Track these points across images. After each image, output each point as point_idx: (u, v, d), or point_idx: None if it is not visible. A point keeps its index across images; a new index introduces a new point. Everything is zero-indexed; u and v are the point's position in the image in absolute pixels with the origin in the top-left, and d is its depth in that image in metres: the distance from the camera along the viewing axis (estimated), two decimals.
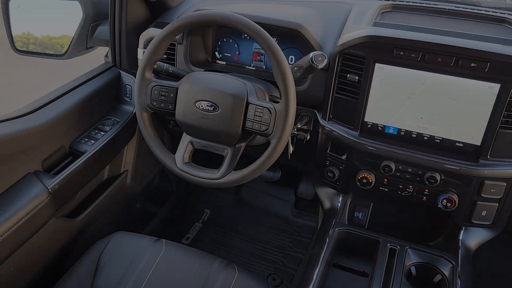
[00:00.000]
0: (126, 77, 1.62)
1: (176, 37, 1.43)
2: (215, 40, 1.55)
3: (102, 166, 1.55)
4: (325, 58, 1.20)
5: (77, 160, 1.38)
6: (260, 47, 1.48)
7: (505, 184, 1.23)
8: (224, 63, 1.56)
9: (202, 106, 1.19)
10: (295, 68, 1.21)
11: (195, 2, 1.69)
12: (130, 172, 1.73)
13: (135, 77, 1.42)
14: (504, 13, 1.44)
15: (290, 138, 1.33)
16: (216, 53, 1.57)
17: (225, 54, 1.56)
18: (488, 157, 1.21)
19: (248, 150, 1.33)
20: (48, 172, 1.35)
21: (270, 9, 1.51)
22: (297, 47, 1.44)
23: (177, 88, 1.23)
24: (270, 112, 1.14)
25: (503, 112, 1.15)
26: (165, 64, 1.36)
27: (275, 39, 1.44)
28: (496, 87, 1.14)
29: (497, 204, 1.27)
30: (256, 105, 1.16)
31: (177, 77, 1.35)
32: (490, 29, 1.34)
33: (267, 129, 1.15)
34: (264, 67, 1.52)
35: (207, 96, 1.19)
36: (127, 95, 1.63)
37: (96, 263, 1.25)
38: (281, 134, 1.13)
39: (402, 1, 1.55)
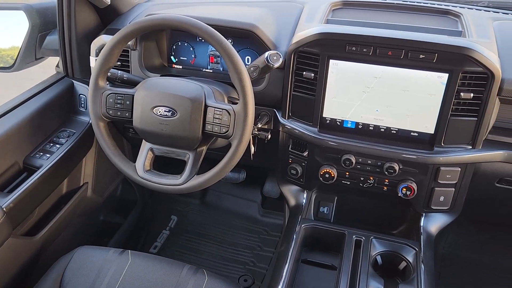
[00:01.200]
0: (79, 86, 1.58)
1: (129, 43, 1.41)
2: (170, 44, 1.53)
3: (60, 180, 1.49)
4: (281, 57, 1.21)
5: (32, 176, 1.33)
6: (215, 49, 1.47)
7: (459, 169, 1.28)
8: (181, 67, 1.55)
9: (159, 112, 1.17)
10: (252, 69, 1.22)
11: (147, 7, 1.66)
12: (91, 184, 1.68)
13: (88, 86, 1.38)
14: (448, 5, 1.50)
15: (251, 138, 1.33)
16: (172, 57, 1.55)
17: (181, 58, 1.54)
18: (442, 144, 1.26)
19: (210, 153, 1.32)
20: (2, 190, 1.29)
21: (223, 11, 1.50)
22: (252, 48, 1.44)
23: (133, 95, 1.21)
24: (229, 114, 1.14)
25: (453, 100, 1.20)
26: (119, 71, 1.33)
27: (230, 40, 1.44)
28: (444, 76, 1.19)
29: (454, 189, 1.32)
30: (215, 107, 1.16)
31: (132, 84, 1.32)
32: (436, 21, 1.39)
33: (227, 131, 1.15)
34: (221, 69, 1.51)
35: (164, 102, 1.17)
36: (82, 105, 1.58)
37: (59, 280, 1.21)
38: (241, 135, 1.13)
39: None
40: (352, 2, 1.51)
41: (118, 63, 1.49)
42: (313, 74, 1.28)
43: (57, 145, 1.44)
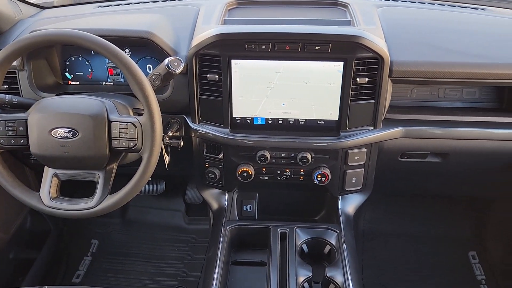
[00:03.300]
0: None
1: (14, 63, 1.29)
2: (62, 60, 1.44)
3: None
4: (182, 62, 1.19)
5: None
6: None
7: (366, 149, 1.36)
8: (78, 83, 1.46)
9: (59, 134, 1.09)
10: (153, 77, 1.18)
11: (31, 23, 1.54)
12: None
13: None
14: None
15: (163, 148, 1.30)
16: (67, 74, 1.45)
17: (77, 73, 1.45)
18: (347, 128, 1.33)
19: (125, 168, 1.26)
20: None
21: (116, 20, 1.44)
22: (152, 55, 1.40)
23: (26, 120, 1.12)
24: (135, 126, 1.10)
25: (351, 86, 1.26)
26: (7, 96, 1.22)
27: (127, 50, 1.38)
28: (340, 65, 1.25)
29: (363, 169, 1.41)
30: (119, 122, 1.11)
31: (25, 107, 1.21)
32: (326, 13, 1.46)
33: (136, 145, 1.10)
34: (123, 80, 1.45)
35: (62, 122, 1.09)
36: None
37: None
38: (151, 147, 1.09)
39: None
40: (247, 1, 1.53)
41: (5, 86, 1.37)
42: (217, 76, 1.28)
43: None
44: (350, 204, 1.47)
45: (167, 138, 1.31)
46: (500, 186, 1.72)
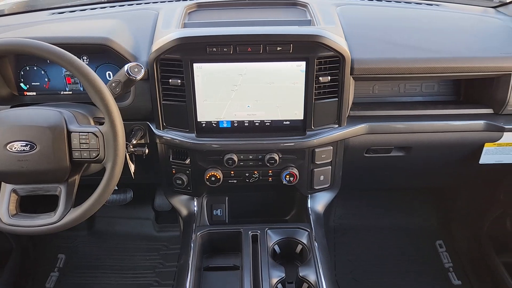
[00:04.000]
0: None
1: None
2: (16, 70, 1.38)
3: None
4: (142, 68, 1.16)
5: None
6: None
7: (332, 147, 1.37)
8: (35, 93, 1.40)
9: (15, 147, 1.05)
10: (113, 84, 1.14)
11: None
12: None
13: None
14: None
15: (127, 156, 1.26)
16: (22, 84, 1.39)
17: (33, 83, 1.39)
18: (312, 127, 1.34)
19: (88, 179, 1.22)
20: None
21: (71, 27, 1.40)
22: (111, 62, 1.36)
23: None
24: (97, 136, 1.07)
25: (314, 85, 1.27)
26: None
27: (85, 58, 1.34)
28: (302, 64, 1.25)
29: (330, 167, 1.42)
30: (79, 132, 1.07)
31: None
32: (286, 13, 1.47)
33: (98, 155, 1.07)
34: (82, 89, 1.41)
35: (18, 136, 1.05)
36: None
37: None
38: (114, 156, 1.06)
39: None
40: (206, 3, 1.52)
41: None
42: (179, 81, 1.26)
43: None
44: (319, 202, 1.48)
45: (131, 146, 1.28)
46: (463, 176, 1.78)
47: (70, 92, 1.40)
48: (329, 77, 1.27)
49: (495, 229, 1.88)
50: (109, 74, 1.38)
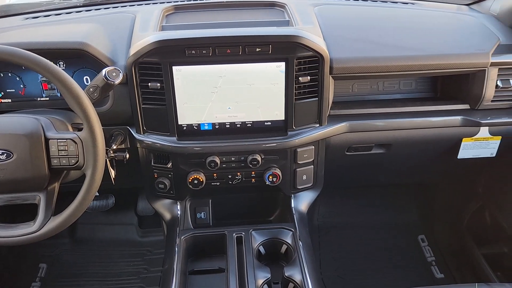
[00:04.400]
0: None
1: None
2: None
3: None
4: (120, 72, 1.15)
5: None
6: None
7: (313, 147, 1.38)
8: (10, 100, 1.37)
9: None
10: (91, 89, 1.13)
11: None
12: None
13: None
14: None
15: (108, 162, 1.25)
16: None
17: (8, 90, 1.36)
18: (294, 127, 1.34)
19: (68, 186, 1.20)
20: None
21: (46, 32, 1.37)
22: (88, 67, 1.34)
23: None
24: (75, 142, 1.05)
25: (294, 85, 1.28)
26: None
27: (61, 63, 1.32)
28: (282, 65, 1.26)
29: (312, 166, 1.43)
30: (58, 139, 1.05)
31: None
32: (265, 14, 1.47)
33: (77, 162, 1.05)
34: (59, 95, 1.38)
35: None
36: None
37: None
38: (94, 162, 1.04)
39: (184, 1, 1.58)
40: (184, 6, 1.51)
41: None
42: (158, 84, 1.25)
43: None
44: (302, 201, 1.49)
45: (111, 152, 1.26)
46: (442, 171, 1.81)
47: (47, 99, 1.38)
48: (308, 77, 1.28)
49: (475, 222, 1.92)
50: (86, 79, 1.36)
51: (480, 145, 1.50)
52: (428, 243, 2.09)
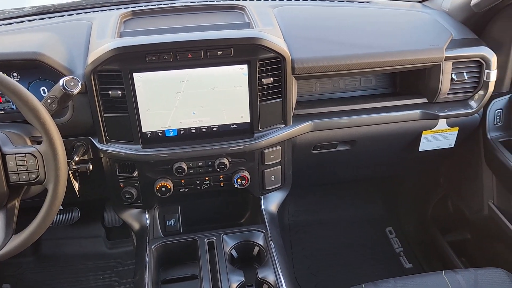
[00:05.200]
0: None
1: None
2: None
3: None
4: (78, 81, 1.12)
5: None
6: None
7: (280, 147, 1.39)
8: None
9: None
10: (49, 101, 1.09)
11: None
12: None
13: None
14: (233, 0, 1.60)
15: (70, 175, 1.21)
16: None
17: None
18: (260, 129, 1.34)
19: (30, 202, 1.15)
20: None
21: None
22: (45, 77, 1.30)
23: None
24: (35, 156, 1.01)
25: (257, 87, 1.28)
26: None
27: (15, 75, 1.27)
28: (244, 67, 1.26)
29: (280, 167, 1.43)
30: (15, 153, 1.01)
31: None
32: (224, 17, 1.46)
33: (38, 176, 1.02)
34: (15, 107, 1.33)
35: None
36: None
37: None
38: (56, 176, 1.01)
39: (141, 6, 1.56)
40: (142, 11, 1.48)
41: None
42: (120, 92, 1.22)
43: None
44: (272, 202, 1.49)
45: (73, 164, 1.22)
46: (405, 164, 1.86)
47: (2, 112, 1.32)
48: (271, 78, 1.29)
49: (438, 211, 1.99)
50: (43, 90, 1.32)
51: (439, 137, 1.56)
52: (396, 235, 2.15)
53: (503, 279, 1.19)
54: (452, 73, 1.45)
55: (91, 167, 1.26)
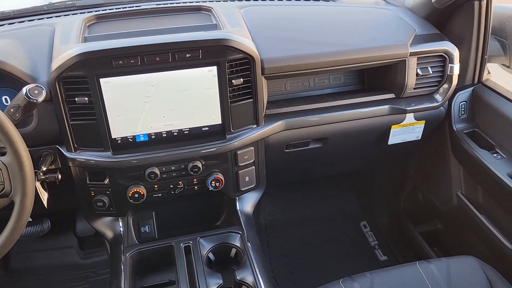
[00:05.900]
0: None
1: None
2: None
3: None
4: (43, 89, 1.08)
5: None
6: None
7: (253, 148, 1.39)
8: None
9: None
10: (12, 110, 1.05)
11: None
12: None
13: None
14: (199, 1, 1.59)
15: (38, 185, 1.17)
16: None
17: None
18: (232, 130, 1.34)
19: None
20: None
21: None
22: (7, 86, 1.25)
23: None
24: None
25: (228, 88, 1.28)
26: None
27: None
28: (214, 69, 1.25)
29: (254, 167, 1.43)
30: None
31: None
32: (191, 19, 1.45)
33: (3, 189, 0.98)
34: None
35: None
36: None
37: None
38: (23, 188, 0.98)
39: (105, 10, 1.53)
40: (106, 15, 1.45)
41: None
42: (86, 98, 1.19)
43: None
44: (247, 203, 1.49)
45: (41, 174, 1.19)
46: (376, 158, 1.90)
47: None
48: (241, 79, 1.28)
49: (410, 203, 2.04)
50: (6, 99, 1.27)
51: (407, 130, 1.59)
52: (370, 228, 2.19)
53: (474, 266, 1.23)
54: (417, 68, 1.49)
55: (59, 176, 1.22)
